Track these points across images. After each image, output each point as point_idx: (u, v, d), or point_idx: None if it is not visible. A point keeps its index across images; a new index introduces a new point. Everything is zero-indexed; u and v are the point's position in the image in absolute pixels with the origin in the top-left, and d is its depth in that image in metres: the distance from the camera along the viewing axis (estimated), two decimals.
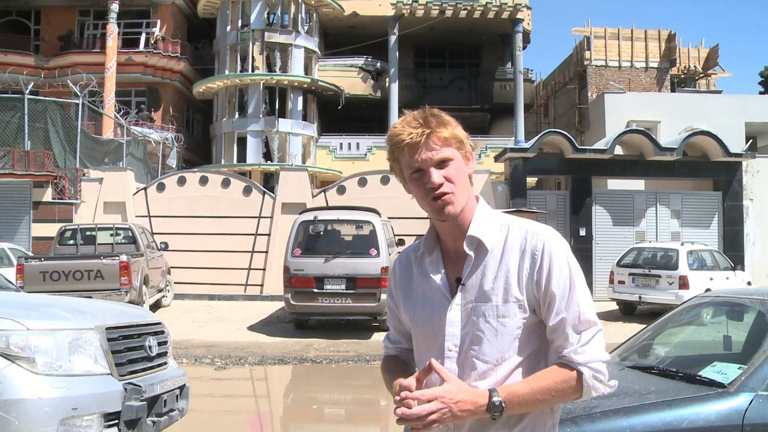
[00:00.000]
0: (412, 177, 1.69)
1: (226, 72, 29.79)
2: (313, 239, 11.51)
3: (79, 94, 18.71)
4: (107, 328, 4.18)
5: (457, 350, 1.69)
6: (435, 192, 1.66)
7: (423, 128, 1.65)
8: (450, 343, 1.70)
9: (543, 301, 1.66)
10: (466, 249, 1.71)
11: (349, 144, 30.68)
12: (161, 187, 17.75)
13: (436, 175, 1.65)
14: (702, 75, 30.71)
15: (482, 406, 1.58)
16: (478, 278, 1.69)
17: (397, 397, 1.60)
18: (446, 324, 1.70)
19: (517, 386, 1.62)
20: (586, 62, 28.00)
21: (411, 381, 1.62)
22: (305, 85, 29.87)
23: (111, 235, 13.79)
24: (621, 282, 13.86)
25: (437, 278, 1.75)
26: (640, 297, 13.36)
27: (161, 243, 14.56)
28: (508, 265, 1.69)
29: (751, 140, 20.35)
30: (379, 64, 32.65)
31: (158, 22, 30.28)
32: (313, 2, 30.32)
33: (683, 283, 12.76)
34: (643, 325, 5.18)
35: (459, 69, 35.65)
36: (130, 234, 13.54)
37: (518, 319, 1.67)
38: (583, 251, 16.27)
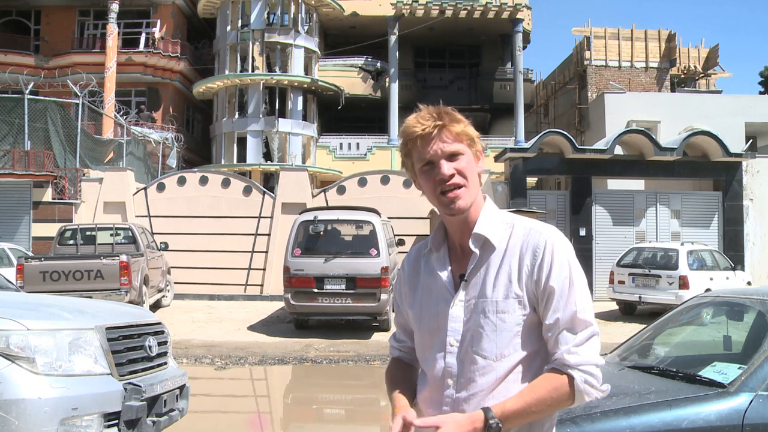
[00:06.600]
0: (423, 170, 1.71)
1: (226, 72, 29.78)
2: (313, 239, 11.50)
3: (79, 94, 18.70)
4: (107, 328, 4.18)
5: (458, 345, 1.71)
6: (445, 184, 1.68)
7: (436, 121, 1.68)
8: (452, 338, 1.72)
9: (541, 297, 1.67)
10: (471, 246, 1.72)
11: (349, 144, 30.68)
12: (161, 187, 17.74)
13: (446, 167, 1.68)
14: (702, 75, 30.70)
15: (479, 429, 1.59)
16: (482, 275, 1.71)
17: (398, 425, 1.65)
18: (449, 319, 1.72)
19: (511, 402, 1.62)
20: (586, 62, 28.01)
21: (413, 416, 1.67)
22: (305, 85, 29.85)
23: (111, 235, 13.79)
24: (621, 282, 13.85)
25: (443, 274, 1.77)
26: (640, 297, 13.35)
27: (161, 243, 14.56)
28: (510, 262, 1.70)
29: (751, 140, 20.36)
30: (379, 64, 32.65)
31: (158, 22, 30.28)
32: (313, 2, 30.32)
33: (683, 283, 12.75)
34: (643, 325, 5.18)
35: (459, 69, 35.64)
36: (130, 234, 13.53)
37: (517, 315, 1.68)
38: (583, 251, 16.26)
